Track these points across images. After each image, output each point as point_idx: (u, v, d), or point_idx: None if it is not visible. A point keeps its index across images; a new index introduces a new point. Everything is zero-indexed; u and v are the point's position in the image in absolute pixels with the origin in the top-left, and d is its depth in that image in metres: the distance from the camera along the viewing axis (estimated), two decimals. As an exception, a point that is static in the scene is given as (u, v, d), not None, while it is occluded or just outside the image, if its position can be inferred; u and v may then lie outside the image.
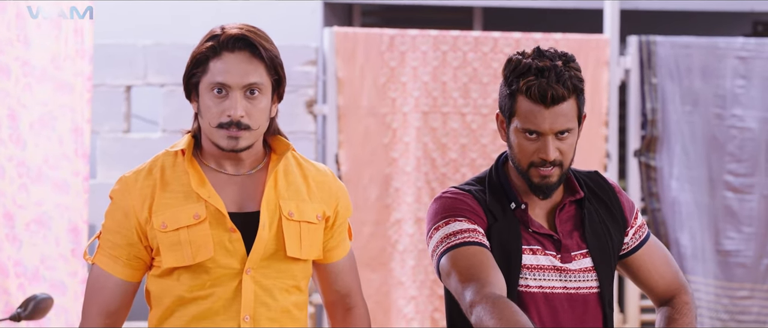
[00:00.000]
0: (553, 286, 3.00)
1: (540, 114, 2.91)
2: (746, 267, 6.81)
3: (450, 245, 2.94)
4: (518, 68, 2.93)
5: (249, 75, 2.81)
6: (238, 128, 2.80)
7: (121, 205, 2.89)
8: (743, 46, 6.79)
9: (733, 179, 6.81)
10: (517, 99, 2.94)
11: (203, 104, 2.85)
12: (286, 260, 2.89)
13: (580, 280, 3.02)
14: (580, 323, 3.01)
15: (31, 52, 4.68)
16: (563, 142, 2.94)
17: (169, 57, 6.48)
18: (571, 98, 2.92)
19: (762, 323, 6.79)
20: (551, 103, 2.89)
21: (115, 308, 2.90)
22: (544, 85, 2.88)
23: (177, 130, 6.47)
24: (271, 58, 2.84)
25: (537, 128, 2.91)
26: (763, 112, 6.78)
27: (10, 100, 4.58)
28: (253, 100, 2.81)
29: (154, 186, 2.89)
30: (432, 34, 6.51)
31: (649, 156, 6.80)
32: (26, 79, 4.65)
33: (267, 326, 2.87)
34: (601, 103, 6.66)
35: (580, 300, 3.02)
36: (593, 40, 6.69)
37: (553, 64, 2.91)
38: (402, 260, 6.51)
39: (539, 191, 2.98)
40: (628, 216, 3.15)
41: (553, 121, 2.91)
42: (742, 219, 6.81)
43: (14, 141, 4.59)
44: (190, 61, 2.87)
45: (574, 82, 2.91)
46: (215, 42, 2.84)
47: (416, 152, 6.50)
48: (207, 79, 2.83)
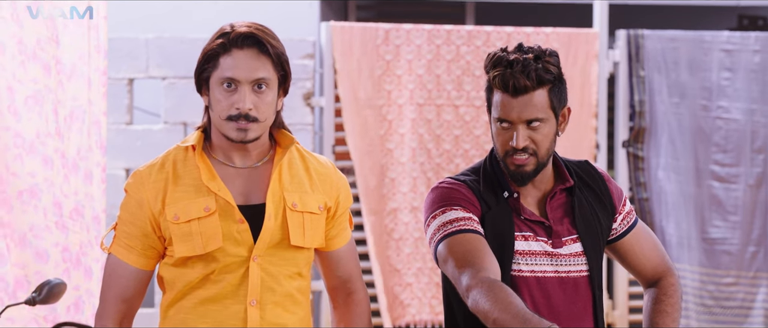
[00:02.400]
0: (544, 270, 3.06)
1: (508, 104, 2.98)
2: (731, 255, 6.81)
3: (447, 233, 3.00)
4: (493, 61, 3.01)
5: (257, 71, 2.88)
6: (247, 120, 2.87)
7: (136, 198, 2.97)
8: (728, 40, 6.78)
9: (719, 169, 6.80)
10: (492, 91, 3.02)
11: (214, 98, 2.91)
12: (290, 248, 2.96)
13: (571, 264, 3.08)
14: (571, 305, 3.07)
15: (62, 50, 4.76)
16: (535, 131, 2.99)
17: (171, 51, 6.47)
18: (538, 89, 2.98)
19: (747, 309, 6.80)
20: (515, 93, 2.96)
21: (130, 294, 2.99)
22: (507, 76, 2.96)
23: (178, 121, 6.48)
24: (278, 54, 2.91)
25: (507, 117, 2.98)
26: (748, 104, 6.77)
27: (52, 96, 4.67)
28: (261, 94, 2.89)
29: (166, 180, 2.96)
30: (426, 28, 6.49)
31: (637, 147, 6.79)
32: (59, 76, 4.72)
33: (272, 309, 2.95)
34: (590, 95, 6.67)
35: (571, 283, 3.08)
36: (583, 33, 6.69)
37: (523, 57, 2.98)
38: (398, 248, 6.50)
39: (516, 179, 3.04)
40: (617, 203, 3.19)
41: (520, 111, 2.97)
42: (727, 208, 6.80)
43: (58, 134, 4.67)
44: (201, 57, 2.93)
45: (539, 74, 2.97)
46: (225, 39, 2.89)
47: (411, 143, 6.49)
48: (217, 74, 2.89)
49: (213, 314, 2.95)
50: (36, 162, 4.54)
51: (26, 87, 4.55)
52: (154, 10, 7.17)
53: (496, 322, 2.79)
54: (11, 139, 4.49)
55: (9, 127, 4.49)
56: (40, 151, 4.54)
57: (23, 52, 4.54)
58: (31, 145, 4.53)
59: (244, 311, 2.94)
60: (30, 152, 4.52)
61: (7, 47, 4.52)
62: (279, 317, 2.97)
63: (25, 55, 4.55)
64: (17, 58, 4.52)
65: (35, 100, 4.57)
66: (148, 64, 6.49)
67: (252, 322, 2.94)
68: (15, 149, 4.49)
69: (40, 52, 4.58)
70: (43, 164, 4.55)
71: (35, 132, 4.55)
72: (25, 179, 4.50)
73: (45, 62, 4.60)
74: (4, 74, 4.49)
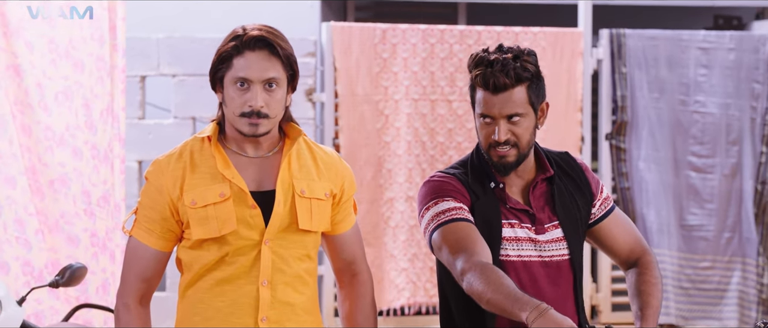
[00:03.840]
0: (529, 255, 3.11)
1: (490, 100, 3.03)
2: (708, 240, 6.83)
3: (440, 222, 3.06)
4: (475, 61, 3.07)
5: (268, 71, 2.92)
6: (258, 117, 2.91)
7: (156, 184, 3.00)
8: (705, 38, 6.80)
9: (696, 160, 6.82)
10: (475, 89, 3.07)
11: (228, 95, 2.95)
12: (298, 232, 3.00)
13: (553, 249, 3.13)
14: (554, 286, 3.12)
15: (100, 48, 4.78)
16: (516, 126, 3.04)
17: (181, 49, 6.48)
18: (517, 87, 3.03)
19: (722, 291, 6.82)
20: (495, 91, 3.01)
21: (150, 274, 3.03)
22: (488, 75, 3.01)
23: (187, 116, 6.50)
24: (287, 55, 2.95)
25: (489, 113, 3.04)
26: (724, 99, 6.78)
27: (82, 91, 4.70)
28: (271, 92, 2.92)
29: (184, 168, 2.99)
30: (421, 28, 6.50)
31: (619, 139, 6.80)
32: (99, 73, 4.75)
33: (282, 289, 3.00)
34: (575, 91, 6.67)
35: (554, 266, 3.12)
36: (568, 33, 6.69)
37: (502, 57, 3.03)
38: (394, 235, 6.52)
39: (499, 169, 3.10)
40: (595, 190, 3.24)
41: (501, 107, 3.02)
42: (704, 196, 6.82)
43: (88, 127, 4.70)
44: (216, 58, 2.97)
45: (518, 72, 3.01)
46: (238, 42, 2.93)
47: (407, 136, 6.50)
48: (231, 74, 2.93)
49: (227, 294, 2.98)
50: (66, 153, 4.59)
51: (56, 83, 4.59)
52: (163, 12, 7.17)
53: (490, 302, 2.85)
54: (42, 132, 4.54)
55: (40, 120, 4.54)
56: (70, 143, 4.59)
57: (54, 50, 4.58)
58: (61, 137, 4.58)
59: (256, 290, 2.97)
60: (60, 144, 4.57)
61: (36, 46, 4.55)
62: (289, 297, 3.01)
63: (57, 53, 4.58)
64: (47, 56, 4.56)
65: (65, 96, 4.61)
66: (159, 62, 6.49)
67: (263, 301, 2.97)
68: (46, 142, 4.54)
69: (72, 50, 4.61)
70: (73, 154, 4.60)
71: (65, 125, 4.59)
72: (56, 168, 4.55)
73: (76, 60, 4.63)
74: (33, 72, 4.54)
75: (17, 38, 4.52)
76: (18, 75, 4.51)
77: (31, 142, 4.53)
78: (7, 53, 4.50)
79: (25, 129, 4.52)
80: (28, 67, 4.53)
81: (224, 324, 2.98)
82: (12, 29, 4.51)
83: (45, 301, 4.54)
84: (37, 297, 4.43)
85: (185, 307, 3.04)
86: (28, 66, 4.53)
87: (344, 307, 3.24)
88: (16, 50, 4.51)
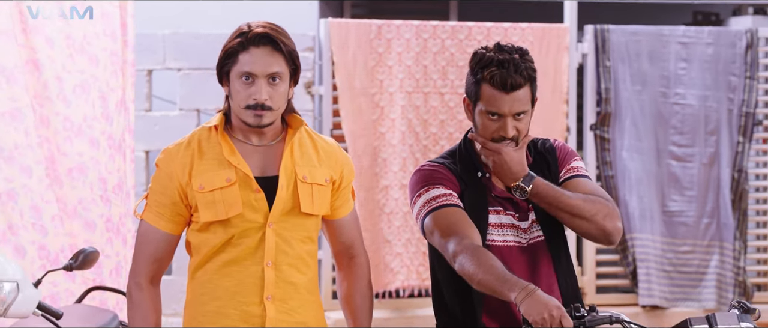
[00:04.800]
0: (512, 240, 3.17)
1: (501, 99, 3.06)
2: (688, 226, 6.86)
3: (431, 208, 3.11)
4: (483, 61, 3.08)
5: (271, 66, 2.97)
6: (263, 109, 2.97)
7: (166, 171, 3.05)
8: (684, 34, 6.82)
9: (677, 149, 6.84)
10: (481, 86, 3.08)
11: (233, 89, 3.00)
12: (301, 215, 3.06)
13: (531, 232, 3.19)
14: (535, 266, 3.17)
15: (113, 44, 4.83)
16: (519, 122, 3.09)
17: (185, 45, 6.48)
18: (526, 85, 3.07)
19: (701, 274, 6.86)
20: (510, 90, 3.04)
21: (160, 255, 3.08)
22: (504, 75, 3.04)
23: (192, 108, 6.50)
24: (290, 51, 3.01)
25: (498, 110, 3.07)
26: (702, 91, 6.81)
27: (98, 84, 4.75)
28: (275, 86, 2.98)
29: (192, 155, 3.04)
30: (414, 24, 6.50)
31: (603, 129, 6.81)
32: (113, 67, 4.80)
33: (286, 269, 3.05)
34: (562, 83, 6.68)
35: (532, 249, 3.18)
36: (555, 28, 6.70)
37: (511, 57, 3.06)
38: (389, 221, 6.52)
39: None
40: (561, 161, 3.25)
41: (511, 105, 3.06)
42: (684, 184, 6.85)
43: (105, 118, 4.75)
44: (222, 53, 3.02)
45: (528, 72, 3.07)
46: (243, 38, 2.98)
47: (401, 127, 6.50)
48: (237, 69, 2.98)
49: (234, 275, 3.03)
50: (83, 143, 4.63)
51: (74, 76, 4.63)
52: (167, 11, 7.15)
53: (481, 283, 2.92)
54: (61, 123, 4.58)
55: (59, 112, 4.59)
56: (87, 134, 4.63)
57: (71, 46, 4.62)
58: (79, 128, 4.62)
59: (261, 271, 3.03)
60: (78, 134, 4.62)
61: (55, 42, 4.58)
62: (291, 277, 3.06)
63: (74, 48, 4.62)
64: (65, 51, 4.59)
65: (83, 88, 4.65)
66: (165, 57, 6.50)
67: (268, 281, 3.03)
68: (64, 132, 4.59)
69: (87, 45, 4.65)
70: (90, 144, 4.65)
71: (83, 116, 4.63)
72: (74, 157, 4.60)
73: (91, 55, 4.67)
74: (53, 66, 4.57)
75: (36, 34, 4.56)
76: (37, 69, 4.55)
77: (50, 133, 4.57)
78: (27, 49, 4.54)
79: (44, 120, 4.56)
80: (48, 61, 4.57)
81: (231, 303, 3.03)
82: (30, 26, 4.55)
83: (60, 283, 4.58)
84: (53, 280, 4.47)
85: (194, 287, 3.09)
86: (48, 60, 4.57)
87: (342, 288, 3.29)
88: (35, 45, 4.55)
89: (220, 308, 3.04)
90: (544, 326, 2.77)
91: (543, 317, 2.77)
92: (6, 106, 4.48)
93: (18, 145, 4.50)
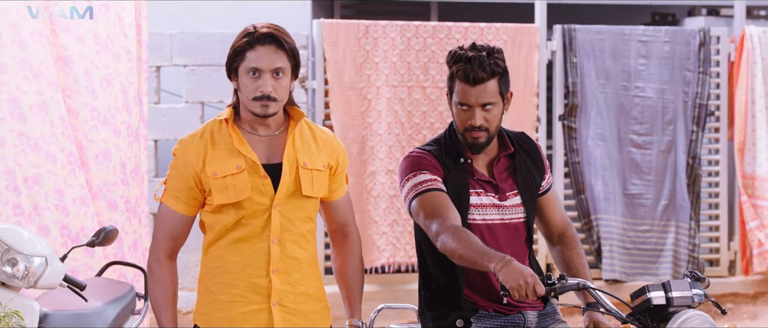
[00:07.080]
0: (492, 218, 3.24)
1: (468, 91, 3.14)
2: (646, 207, 6.90)
3: (418, 192, 3.19)
4: (454, 57, 3.18)
5: (275, 62, 3.02)
6: (268, 100, 3.02)
7: (182, 159, 3.11)
8: (644, 33, 6.85)
9: (637, 138, 6.88)
10: (454, 80, 3.18)
11: (242, 83, 3.06)
12: (302, 197, 3.11)
13: (513, 213, 3.26)
14: (513, 243, 3.25)
15: (129, 42, 4.88)
16: (488, 112, 3.16)
17: (190, 43, 6.48)
18: (491, 80, 3.14)
19: (659, 251, 6.90)
20: (474, 83, 3.13)
21: (177, 234, 3.14)
22: (468, 70, 3.13)
23: (197, 101, 6.51)
24: (291, 49, 3.06)
25: (467, 101, 3.16)
26: (660, 85, 6.85)
27: (120, 78, 4.80)
28: (279, 80, 3.03)
29: (205, 145, 3.09)
30: (399, 24, 6.52)
31: (570, 120, 6.84)
32: (130, 63, 4.85)
33: (290, 246, 3.10)
34: (532, 78, 6.70)
35: (513, 227, 3.26)
36: (526, 28, 6.72)
37: (478, 54, 3.14)
38: (376, 204, 6.54)
39: (472, 149, 3.22)
40: (545, 167, 3.36)
41: (477, 97, 3.14)
42: (643, 169, 6.89)
43: (126, 109, 4.80)
44: (231, 51, 3.07)
45: (492, 68, 3.13)
46: (250, 38, 3.04)
47: (387, 118, 6.52)
48: (244, 65, 3.03)
49: (243, 251, 3.09)
50: (108, 131, 4.69)
51: (100, 71, 4.68)
52: (169, 9, 7.12)
53: (462, 257, 3.01)
54: (89, 113, 4.64)
55: (87, 103, 4.64)
56: (111, 123, 4.69)
57: (98, 43, 4.66)
58: (104, 117, 4.67)
59: (268, 247, 3.08)
60: (103, 123, 4.67)
61: (86, 40, 4.63)
62: (295, 252, 3.12)
63: (100, 46, 4.67)
64: (93, 48, 4.64)
65: (108, 82, 4.70)
66: (172, 54, 6.50)
67: (274, 256, 3.08)
68: (92, 121, 4.65)
69: (110, 44, 4.69)
70: (113, 132, 4.70)
71: (107, 107, 4.68)
72: (100, 144, 4.66)
73: (114, 52, 4.71)
74: (83, 61, 4.62)
75: (68, 33, 4.60)
76: (67, 65, 4.60)
77: (78, 122, 4.62)
78: (57, 47, 4.58)
79: (73, 112, 4.61)
80: (78, 57, 4.61)
81: (241, 275, 3.09)
82: (61, 26, 4.60)
83: (80, 258, 4.62)
84: (73, 255, 4.48)
85: (208, 261, 3.15)
86: (78, 57, 4.61)
87: (337, 262, 3.33)
88: (65, 43, 4.59)
89: (231, 280, 3.08)
90: (520, 292, 2.84)
91: (519, 284, 2.84)
92: (34, 99, 4.52)
93: (43, 134, 4.55)
